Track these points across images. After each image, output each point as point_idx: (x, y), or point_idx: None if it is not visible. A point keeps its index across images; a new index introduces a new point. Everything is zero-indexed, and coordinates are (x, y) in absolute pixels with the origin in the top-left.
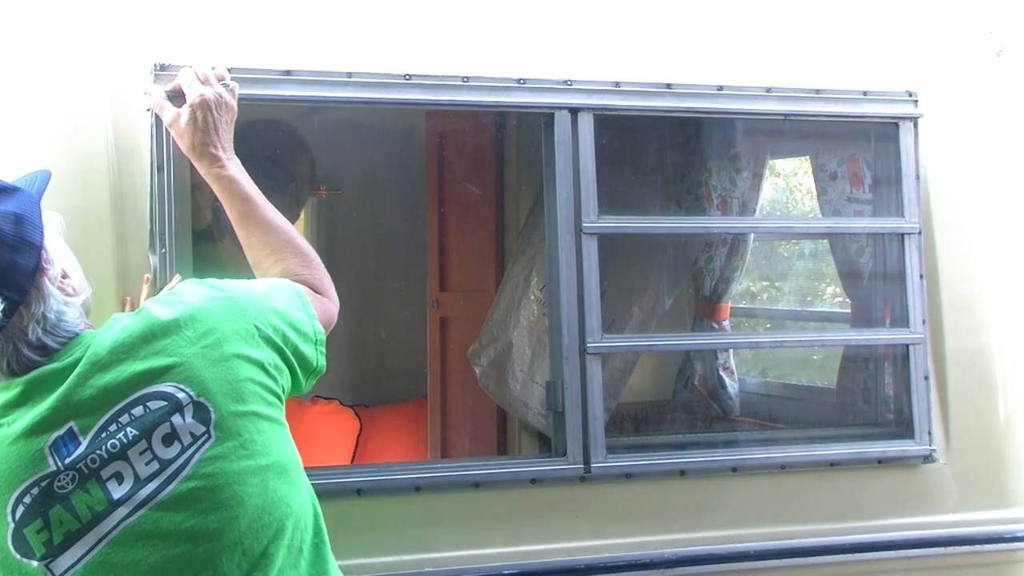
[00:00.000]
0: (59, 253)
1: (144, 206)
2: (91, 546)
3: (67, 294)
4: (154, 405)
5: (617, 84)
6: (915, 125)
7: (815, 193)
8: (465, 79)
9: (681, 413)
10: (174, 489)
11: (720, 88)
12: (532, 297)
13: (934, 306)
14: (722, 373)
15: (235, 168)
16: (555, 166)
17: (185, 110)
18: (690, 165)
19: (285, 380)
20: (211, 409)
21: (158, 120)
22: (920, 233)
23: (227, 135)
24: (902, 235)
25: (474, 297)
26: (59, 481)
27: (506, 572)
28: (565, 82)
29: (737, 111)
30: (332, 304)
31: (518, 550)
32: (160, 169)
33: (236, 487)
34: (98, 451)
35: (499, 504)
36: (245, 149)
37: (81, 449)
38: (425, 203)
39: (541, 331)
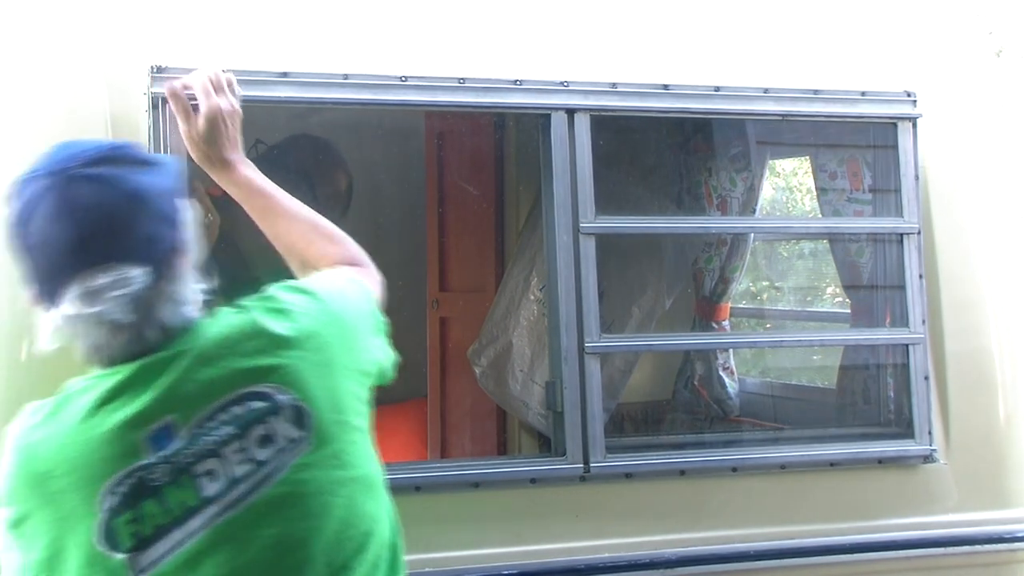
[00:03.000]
0: (193, 237)
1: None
2: (177, 542)
3: (194, 280)
4: (254, 404)
5: (614, 85)
6: (913, 125)
7: (815, 193)
8: (462, 80)
9: (681, 413)
10: (265, 493)
11: (717, 89)
12: (532, 297)
13: (934, 306)
14: (722, 373)
15: (248, 168)
16: (552, 167)
17: (201, 122)
18: (690, 165)
19: (370, 386)
20: (311, 415)
21: (156, 119)
22: (919, 233)
23: (237, 139)
24: (901, 235)
25: (474, 297)
26: (153, 473)
27: (506, 572)
28: (562, 83)
29: (734, 112)
30: (373, 273)
31: (518, 550)
32: None
33: (326, 497)
34: (194, 446)
35: (499, 504)
36: (274, 163)
37: (178, 443)
38: (425, 203)
39: (541, 331)
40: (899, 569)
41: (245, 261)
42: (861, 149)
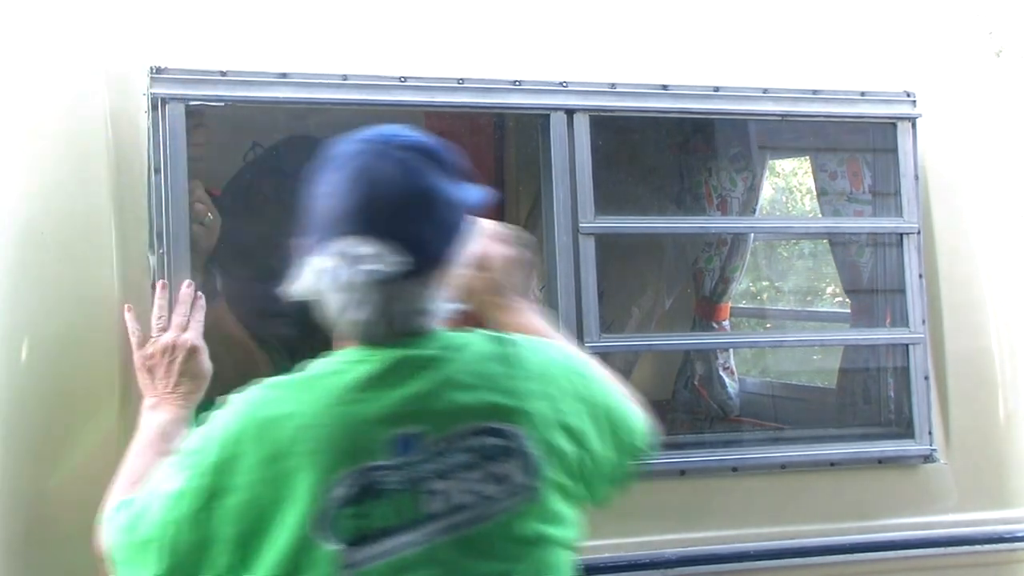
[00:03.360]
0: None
1: (144, 206)
2: (390, 549)
3: (445, 297)
4: (498, 441)
5: (613, 85)
6: (913, 125)
7: (815, 193)
8: (460, 81)
9: (681, 413)
10: (481, 528)
11: (716, 89)
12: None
13: (934, 306)
14: (722, 373)
15: (145, 416)
16: (552, 167)
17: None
18: (690, 165)
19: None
20: (543, 468)
21: (156, 120)
22: (919, 233)
23: (161, 381)
24: (901, 235)
25: None
26: (392, 475)
27: None
28: (561, 84)
29: (734, 112)
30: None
31: None
32: (158, 171)
33: (533, 548)
34: (432, 463)
35: None
36: (272, 165)
37: (418, 454)
38: None
39: None
40: (899, 569)
41: (246, 261)
42: (861, 149)
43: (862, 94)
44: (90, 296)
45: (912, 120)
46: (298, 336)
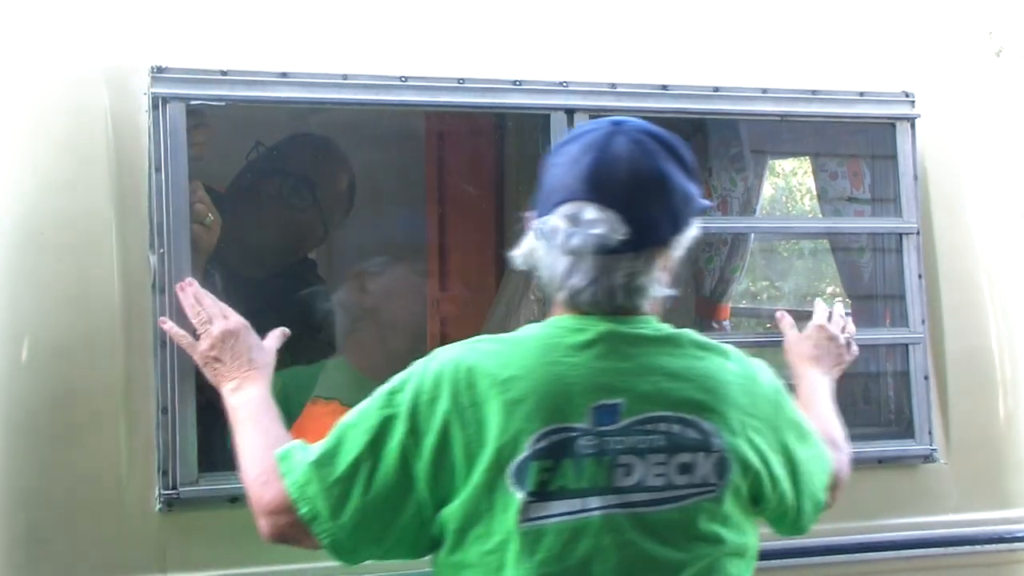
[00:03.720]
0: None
1: (144, 206)
2: (571, 511)
3: (662, 283)
4: (691, 433)
5: (613, 85)
6: (912, 126)
7: (815, 193)
8: (461, 81)
9: None
10: (662, 513)
11: (716, 89)
12: (532, 297)
13: (934, 306)
14: None
15: (235, 398)
16: None
17: (202, 350)
18: None
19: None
20: (730, 472)
21: (157, 119)
22: (918, 233)
23: (233, 363)
24: (901, 235)
25: (474, 297)
26: (584, 440)
27: None
28: (561, 84)
29: (733, 112)
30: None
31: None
32: (159, 169)
33: (705, 545)
34: (627, 437)
35: None
36: (274, 164)
37: (616, 426)
38: (425, 203)
39: None
40: (899, 569)
41: (249, 261)
42: (861, 149)
43: (861, 94)
44: (90, 296)
45: (911, 120)
46: (297, 333)
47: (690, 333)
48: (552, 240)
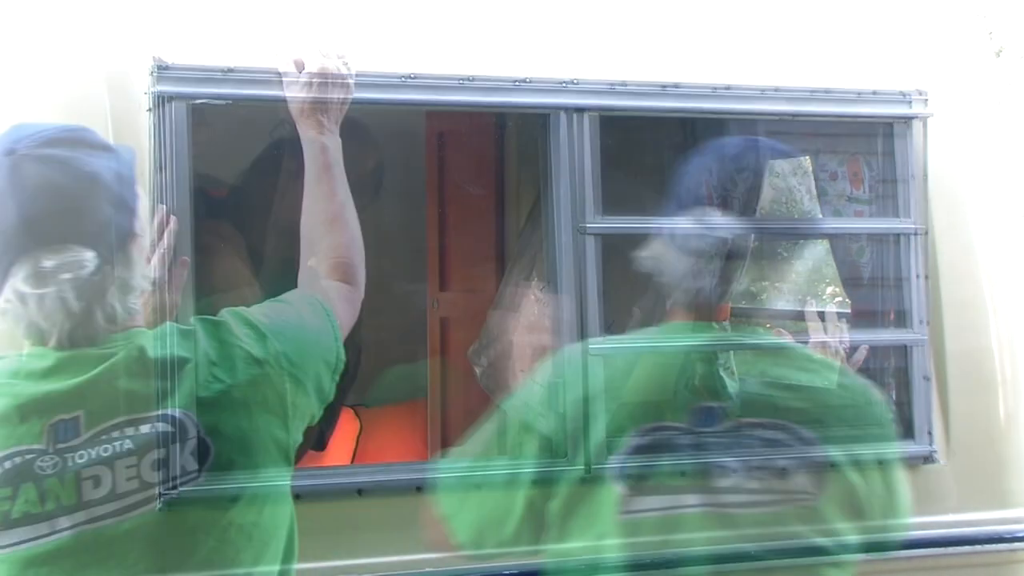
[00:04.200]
0: (144, 227)
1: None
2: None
3: (143, 268)
4: (160, 427)
5: (616, 85)
6: (919, 125)
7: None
8: (463, 80)
9: (681, 413)
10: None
11: (716, 88)
12: (532, 297)
13: (935, 306)
14: (722, 373)
15: (330, 140)
16: (555, 167)
17: (304, 75)
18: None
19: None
20: (212, 450)
21: (158, 120)
22: (921, 234)
23: (336, 111)
24: (904, 236)
25: (474, 297)
26: (42, 461)
27: (506, 572)
28: (565, 83)
29: (738, 112)
30: (358, 298)
31: (519, 550)
32: (160, 169)
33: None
34: (91, 449)
35: None
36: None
37: (77, 440)
38: (425, 203)
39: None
40: (899, 569)
41: (246, 266)
42: (863, 149)
43: (863, 94)
44: None
45: (918, 119)
46: None
47: (164, 328)
48: (18, 301)
